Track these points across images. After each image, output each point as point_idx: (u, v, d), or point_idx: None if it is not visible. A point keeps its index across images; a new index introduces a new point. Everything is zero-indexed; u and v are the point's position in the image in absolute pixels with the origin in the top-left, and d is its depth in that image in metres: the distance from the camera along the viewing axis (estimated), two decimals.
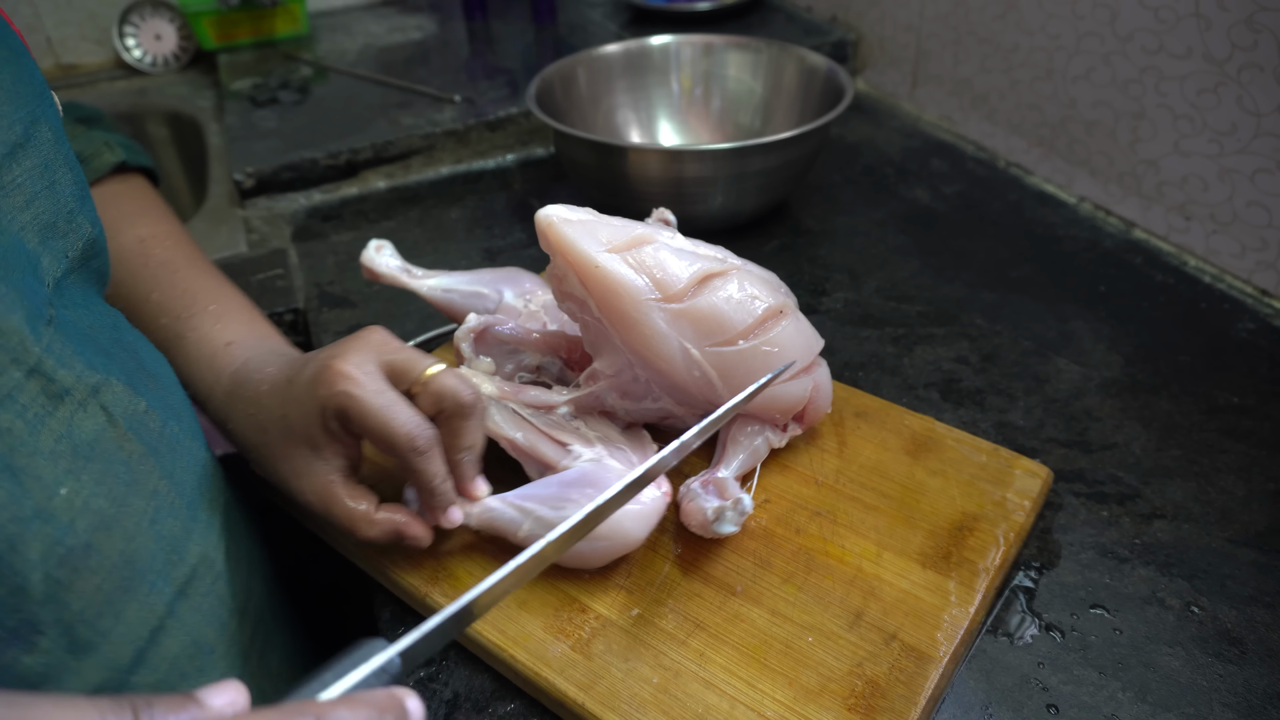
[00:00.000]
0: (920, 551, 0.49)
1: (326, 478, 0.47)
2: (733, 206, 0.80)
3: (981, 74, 0.96)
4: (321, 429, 0.46)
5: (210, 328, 0.54)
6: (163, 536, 0.42)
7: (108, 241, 0.55)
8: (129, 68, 1.27)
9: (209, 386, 0.52)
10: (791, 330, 0.51)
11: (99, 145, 0.59)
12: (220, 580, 0.47)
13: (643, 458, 0.52)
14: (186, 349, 0.53)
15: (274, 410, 0.47)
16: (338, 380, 0.44)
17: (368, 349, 0.46)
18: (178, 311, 0.54)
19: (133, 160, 0.61)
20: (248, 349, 0.53)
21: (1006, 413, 0.63)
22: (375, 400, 0.44)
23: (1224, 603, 0.49)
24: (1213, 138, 0.73)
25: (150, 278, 0.56)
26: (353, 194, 0.96)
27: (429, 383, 0.46)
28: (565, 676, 0.44)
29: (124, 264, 0.56)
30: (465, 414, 0.46)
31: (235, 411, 0.50)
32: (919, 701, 0.42)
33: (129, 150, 0.61)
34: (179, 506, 0.44)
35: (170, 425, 0.46)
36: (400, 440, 0.44)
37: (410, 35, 1.27)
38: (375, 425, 0.44)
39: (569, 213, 0.50)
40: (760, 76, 0.93)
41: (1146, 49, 0.76)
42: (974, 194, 0.91)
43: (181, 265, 0.57)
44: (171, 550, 0.43)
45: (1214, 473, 0.58)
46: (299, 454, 0.47)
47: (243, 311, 0.56)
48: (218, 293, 0.56)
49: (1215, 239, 0.76)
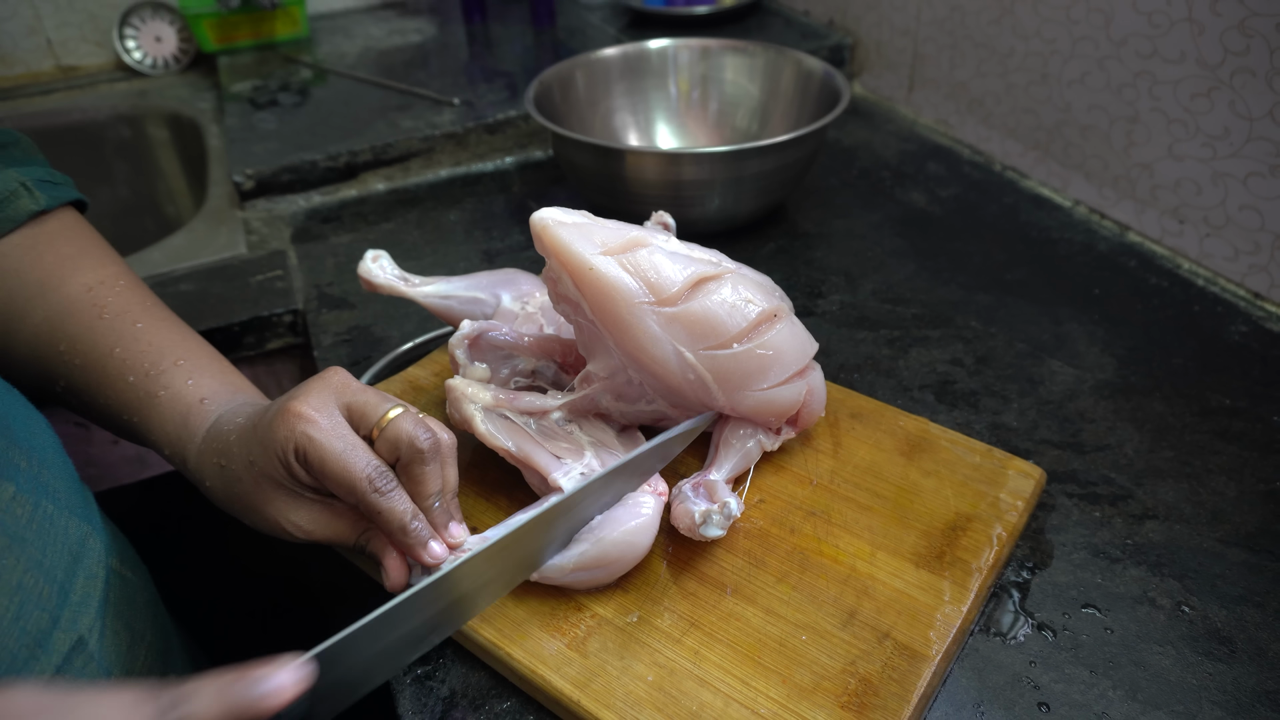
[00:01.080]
0: (914, 551, 0.49)
1: (316, 505, 0.47)
2: (730, 209, 0.81)
3: (978, 78, 0.96)
4: (286, 472, 0.45)
5: (182, 385, 0.51)
6: (26, 633, 0.41)
7: (50, 292, 0.53)
8: (129, 70, 1.28)
9: (184, 445, 0.50)
10: (785, 334, 0.52)
11: (13, 186, 0.54)
12: (94, 662, 0.46)
13: None
14: (160, 409, 0.51)
15: (242, 458, 0.46)
16: (297, 422, 0.44)
17: (328, 390, 0.46)
18: (145, 369, 0.52)
19: (55, 199, 0.56)
20: (221, 404, 0.51)
21: (1000, 414, 0.63)
22: (334, 444, 0.44)
23: (1214, 602, 0.50)
24: (1206, 142, 0.74)
25: (109, 331, 0.53)
26: (352, 196, 0.97)
27: (386, 428, 0.45)
28: (561, 674, 0.44)
29: (75, 317, 0.53)
30: (422, 460, 0.45)
31: (208, 466, 0.49)
32: (911, 699, 0.42)
33: (48, 187, 0.56)
34: (47, 595, 0.43)
35: (43, 506, 0.44)
36: (359, 483, 0.43)
37: (410, 38, 1.28)
38: (334, 469, 0.43)
39: (564, 215, 0.50)
40: (757, 80, 0.94)
41: (1140, 54, 0.77)
42: (970, 197, 0.91)
43: (139, 315, 0.54)
44: (36, 645, 0.42)
45: (1206, 474, 0.58)
46: (278, 495, 0.46)
47: (212, 363, 0.54)
48: (184, 345, 0.54)
49: (1209, 242, 0.76)
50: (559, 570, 0.46)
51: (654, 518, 0.48)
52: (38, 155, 0.59)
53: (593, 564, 0.46)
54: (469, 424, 0.53)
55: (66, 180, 0.58)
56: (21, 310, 0.53)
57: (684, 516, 0.49)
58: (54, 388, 0.54)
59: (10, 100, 1.21)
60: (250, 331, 0.78)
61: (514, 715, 0.46)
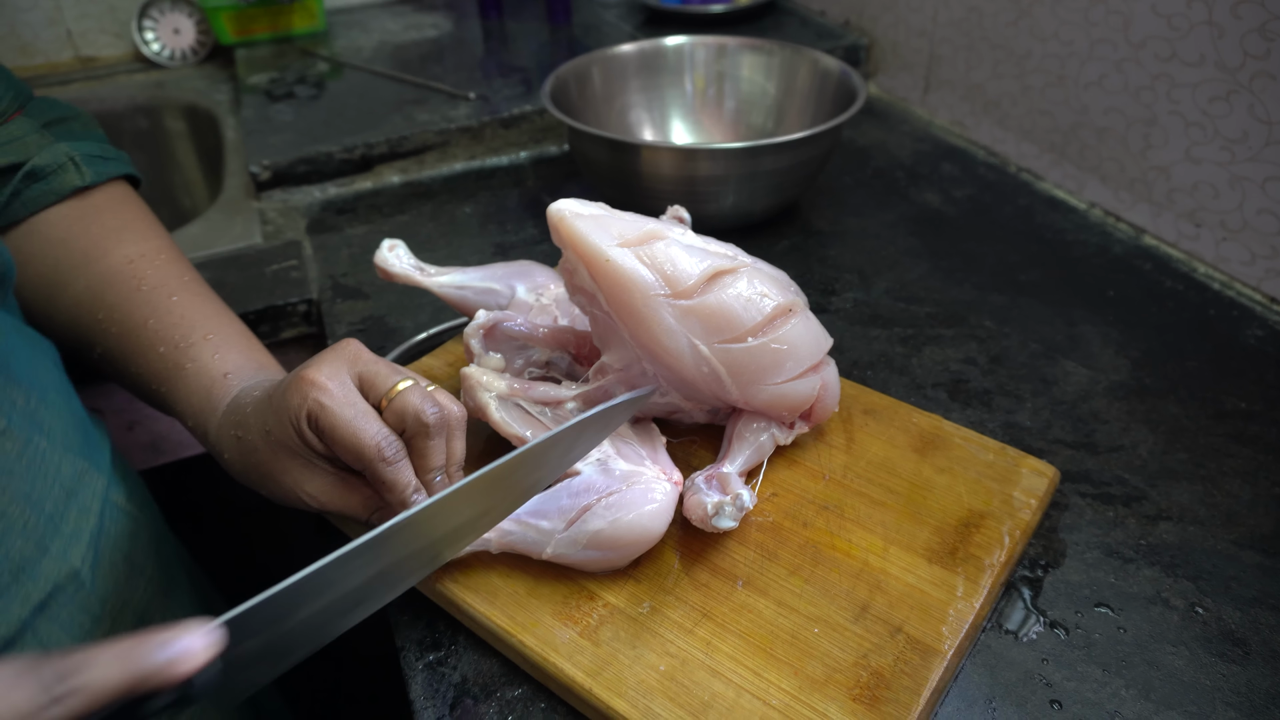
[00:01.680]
0: (927, 547, 0.49)
1: (331, 475, 0.47)
2: (744, 206, 0.81)
3: (994, 79, 0.96)
4: (300, 439, 0.45)
5: (209, 359, 0.53)
6: (8, 558, 0.42)
7: (93, 263, 0.55)
8: (147, 61, 1.28)
9: (206, 418, 0.51)
10: (801, 328, 0.52)
11: (62, 160, 0.56)
12: (85, 590, 0.47)
13: (652, 452, 0.53)
14: (186, 381, 0.52)
15: (258, 428, 0.47)
16: (310, 389, 0.44)
17: (341, 360, 0.46)
18: (175, 341, 0.53)
19: (102, 174, 0.58)
20: (244, 380, 0.52)
21: (1014, 413, 0.63)
22: (345, 411, 0.44)
23: (1228, 604, 0.50)
24: (1224, 145, 0.73)
25: (144, 302, 0.54)
26: (367, 188, 0.97)
27: (394, 399, 0.45)
28: (573, 662, 0.44)
29: (114, 287, 0.54)
30: (427, 433, 0.45)
31: (226, 438, 0.49)
32: (923, 693, 0.42)
33: (98, 162, 0.58)
34: (33, 526, 0.44)
35: (35, 441, 0.45)
36: (369, 450, 0.44)
37: (426, 33, 1.28)
38: (344, 435, 0.44)
39: (581, 207, 0.50)
40: (774, 78, 0.94)
41: (1159, 56, 0.77)
42: (984, 198, 0.91)
43: (176, 289, 0.56)
44: (19, 571, 0.43)
45: (1220, 476, 0.58)
46: (294, 464, 0.47)
47: (240, 339, 0.55)
48: (215, 319, 0.55)
49: (1225, 246, 0.76)
50: (571, 545, 0.46)
51: (669, 504, 0.48)
52: (95, 130, 0.61)
53: (606, 544, 0.46)
54: (483, 412, 0.53)
55: (120, 155, 0.60)
56: (65, 278, 0.55)
57: (696, 508, 0.49)
58: (91, 353, 0.56)
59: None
60: (265, 320, 0.78)
61: (525, 703, 0.46)
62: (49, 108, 0.59)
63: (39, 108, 0.58)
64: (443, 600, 0.49)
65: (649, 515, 0.47)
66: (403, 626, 0.50)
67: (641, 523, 0.46)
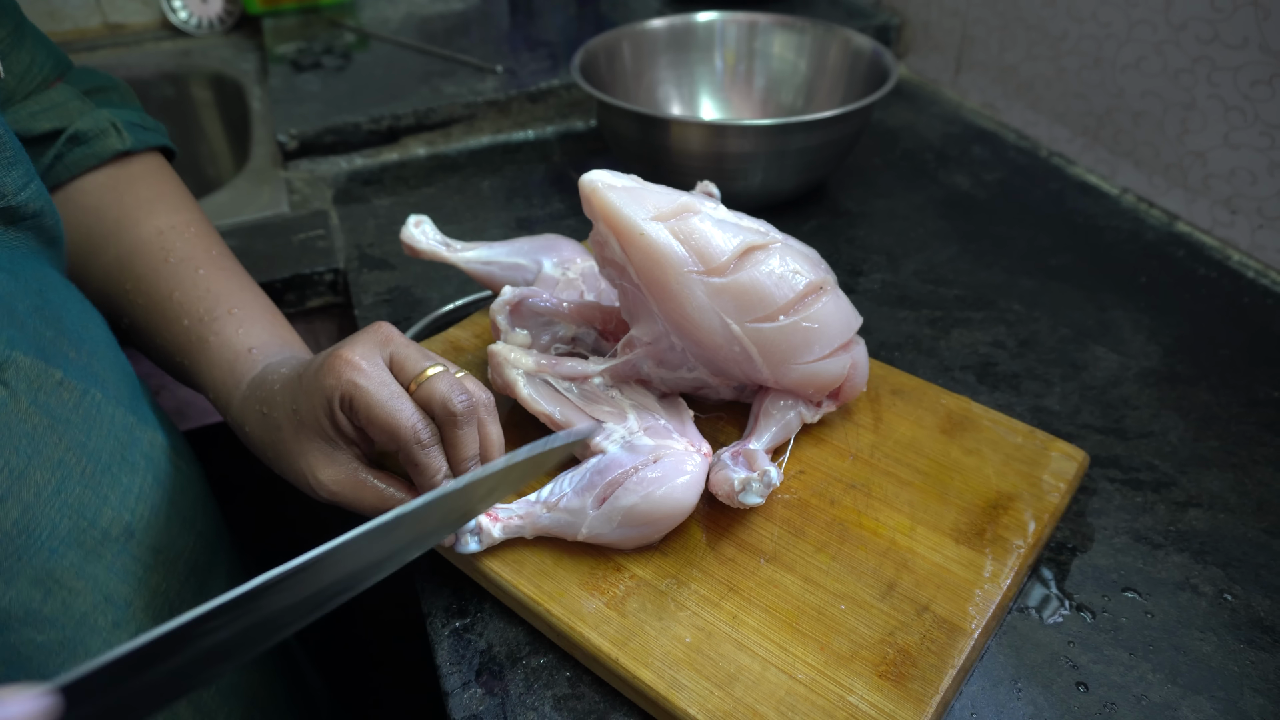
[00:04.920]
0: (954, 527, 0.49)
1: (348, 465, 0.47)
2: (773, 184, 0.80)
3: (1027, 61, 0.95)
4: (330, 420, 0.45)
5: (233, 333, 0.53)
6: (68, 504, 0.43)
7: (125, 232, 0.55)
8: (174, 29, 1.28)
9: (229, 392, 0.51)
10: (831, 307, 0.51)
11: (104, 125, 0.56)
12: (137, 540, 0.47)
13: (680, 425, 0.52)
14: (209, 354, 0.52)
15: (286, 406, 0.47)
16: (345, 369, 0.44)
17: (374, 342, 0.46)
18: (200, 314, 0.53)
19: (142, 142, 0.58)
20: (268, 355, 0.52)
21: (1042, 398, 0.63)
22: (381, 391, 0.44)
23: (1258, 591, 0.49)
24: (1264, 130, 0.72)
25: (171, 275, 0.54)
26: (393, 160, 0.97)
27: (423, 385, 0.45)
28: (600, 632, 0.44)
29: (143, 258, 0.55)
30: (455, 422, 0.45)
31: (250, 413, 0.49)
32: (949, 671, 0.42)
33: (138, 130, 0.58)
34: (90, 473, 0.44)
35: (91, 393, 0.46)
36: (405, 432, 0.44)
37: (452, 5, 1.27)
38: (381, 415, 0.43)
39: (614, 178, 0.50)
40: (805, 56, 0.93)
41: (1200, 38, 0.75)
42: (1015, 182, 0.90)
43: (203, 262, 0.56)
44: (78, 516, 0.43)
45: (1251, 464, 0.57)
46: (316, 447, 0.46)
47: (265, 314, 0.55)
48: (241, 294, 0.55)
49: (1261, 234, 0.75)
50: (606, 523, 0.46)
51: (700, 476, 0.48)
52: (134, 101, 0.61)
53: (640, 519, 0.46)
54: (511, 389, 0.53)
55: (158, 127, 0.61)
56: (98, 247, 0.56)
57: (723, 483, 0.49)
58: (120, 323, 0.56)
59: None
60: (292, 289, 0.78)
61: (550, 670, 0.46)
62: (88, 77, 0.59)
63: (78, 77, 0.58)
64: (469, 568, 0.49)
65: (681, 488, 0.47)
66: (429, 593, 0.50)
67: (674, 495, 0.46)
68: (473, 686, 0.45)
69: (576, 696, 0.45)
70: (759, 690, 0.41)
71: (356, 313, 0.74)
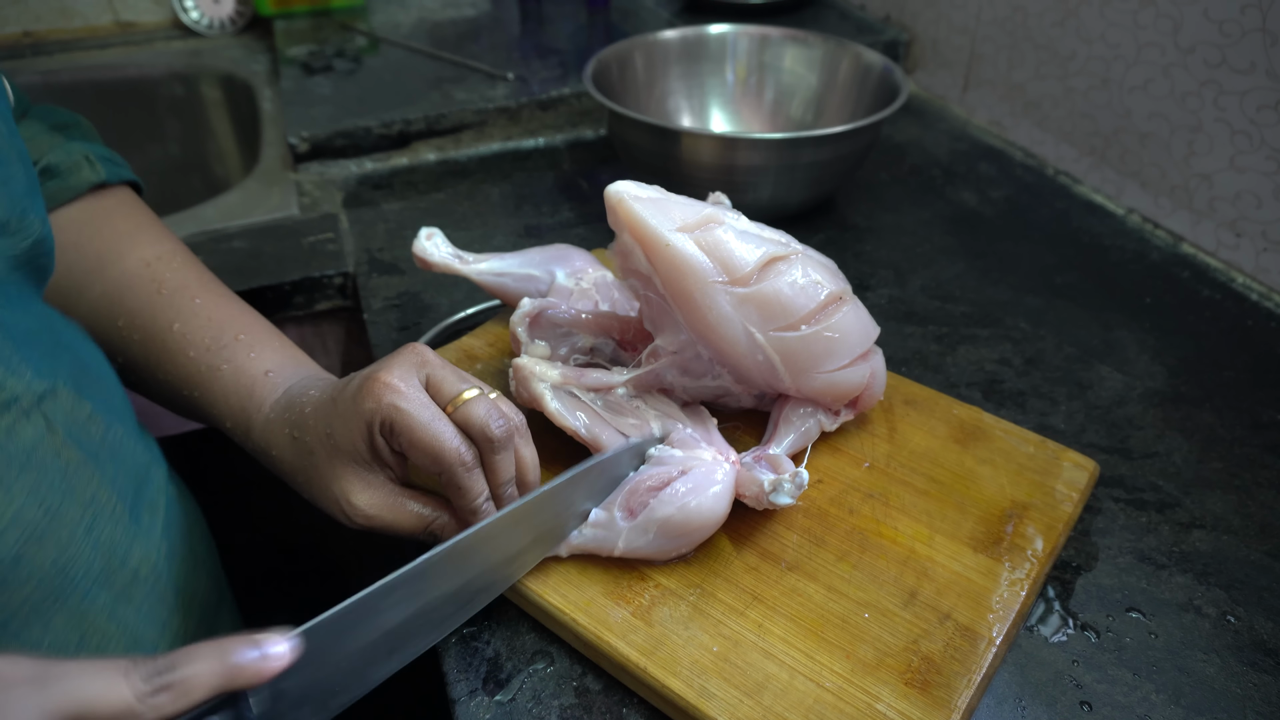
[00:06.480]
0: (971, 536, 0.50)
1: (384, 488, 0.47)
2: (782, 198, 0.81)
3: (1035, 80, 0.95)
4: (367, 444, 0.45)
5: (245, 359, 0.52)
6: (100, 544, 0.42)
7: (109, 267, 0.54)
8: (185, 29, 1.29)
9: (248, 418, 0.50)
10: (851, 316, 0.52)
11: (78, 158, 0.55)
12: (163, 580, 0.47)
13: (706, 434, 0.53)
14: (222, 382, 0.51)
15: (319, 430, 0.46)
16: (385, 393, 0.43)
17: (410, 364, 0.46)
18: (206, 343, 0.52)
19: (115, 175, 0.57)
20: (286, 377, 0.52)
21: (1048, 416, 0.63)
22: (422, 414, 0.43)
23: (1261, 614, 0.50)
24: (1270, 155, 0.73)
25: (168, 307, 0.53)
26: (403, 164, 0.97)
27: (460, 408, 0.45)
28: (627, 641, 0.44)
29: (134, 292, 0.53)
30: (493, 447, 0.44)
31: (278, 437, 0.49)
32: (974, 679, 0.43)
33: (110, 163, 0.57)
34: (119, 512, 0.44)
35: (114, 429, 0.45)
36: (449, 455, 0.43)
37: (464, 11, 1.28)
38: (424, 439, 0.43)
39: (639, 189, 0.50)
40: (815, 71, 0.93)
41: (1208, 62, 0.76)
42: (1021, 200, 0.91)
43: (197, 291, 0.54)
44: (110, 556, 0.43)
45: (1255, 487, 0.58)
46: (351, 471, 0.46)
47: (271, 337, 0.54)
48: (242, 319, 0.54)
49: (1265, 257, 0.75)
50: (641, 535, 0.47)
51: (730, 485, 0.48)
52: (97, 137, 0.60)
53: (676, 530, 0.46)
54: (538, 403, 0.53)
55: (124, 162, 0.59)
56: (80, 284, 0.54)
57: (751, 484, 0.48)
58: (113, 362, 0.54)
59: (68, 53, 1.23)
60: (300, 291, 0.79)
61: (558, 679, 0.46)
62: (50, 114, 0.58)
63: (41, 114, 0.57)
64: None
65: (713, 498, 0.47)
66: None
67: (708, 505, 0.47)
68: (479, 695, 0.45)
69: (584, 706, 0.45)
70: (788, 699, 0.42)
71: (365, 317, 0.74)
